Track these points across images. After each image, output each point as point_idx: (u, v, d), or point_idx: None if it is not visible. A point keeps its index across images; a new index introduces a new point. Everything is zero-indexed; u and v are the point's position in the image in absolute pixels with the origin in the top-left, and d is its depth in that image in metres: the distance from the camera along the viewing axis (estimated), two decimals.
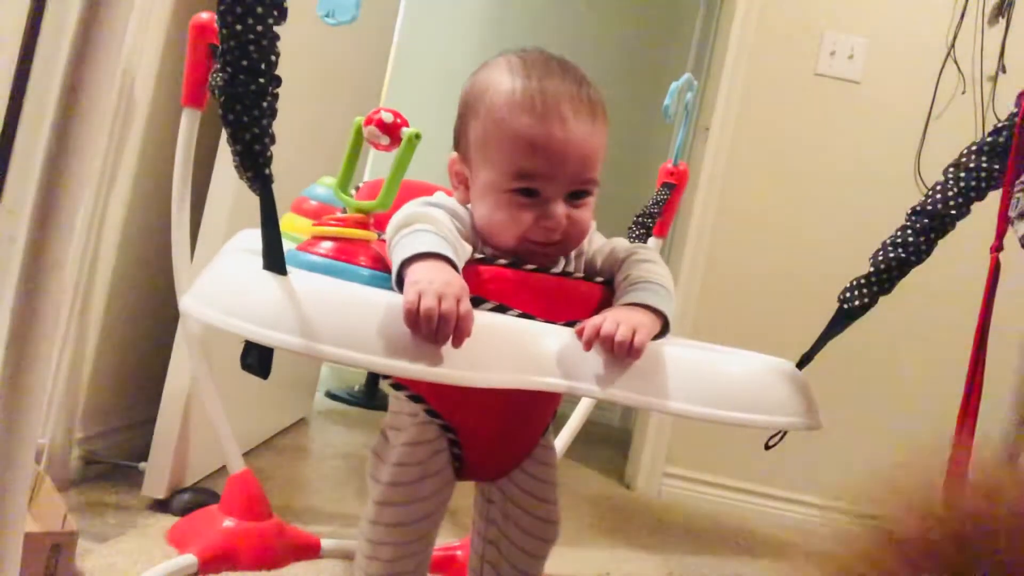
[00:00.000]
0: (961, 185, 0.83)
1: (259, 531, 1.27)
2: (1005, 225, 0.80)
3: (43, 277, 0.53)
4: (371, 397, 2.70)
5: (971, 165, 0.83)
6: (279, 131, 0.69)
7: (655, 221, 1.27)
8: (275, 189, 0.68)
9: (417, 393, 0.85)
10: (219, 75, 0.65)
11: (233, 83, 0.65)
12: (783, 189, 2.15)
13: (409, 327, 0.63)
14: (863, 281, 0.84)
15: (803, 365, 0.83)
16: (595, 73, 0.85)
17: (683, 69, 1.62)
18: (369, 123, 0.81)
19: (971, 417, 0.79)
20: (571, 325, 0.72)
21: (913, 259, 0.83)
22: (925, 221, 0.83)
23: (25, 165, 1.16)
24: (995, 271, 0.81)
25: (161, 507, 1.41)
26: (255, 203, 0.69)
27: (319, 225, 0.80)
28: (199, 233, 1.43)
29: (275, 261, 0.68)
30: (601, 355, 0.69)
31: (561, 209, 0.79)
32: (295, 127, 1.64)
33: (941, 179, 0.84)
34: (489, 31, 3.38)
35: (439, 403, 0.84)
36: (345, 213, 0.81)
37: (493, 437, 0.87)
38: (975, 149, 0.84)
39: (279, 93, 0.67)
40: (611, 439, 2.66)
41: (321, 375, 2.56)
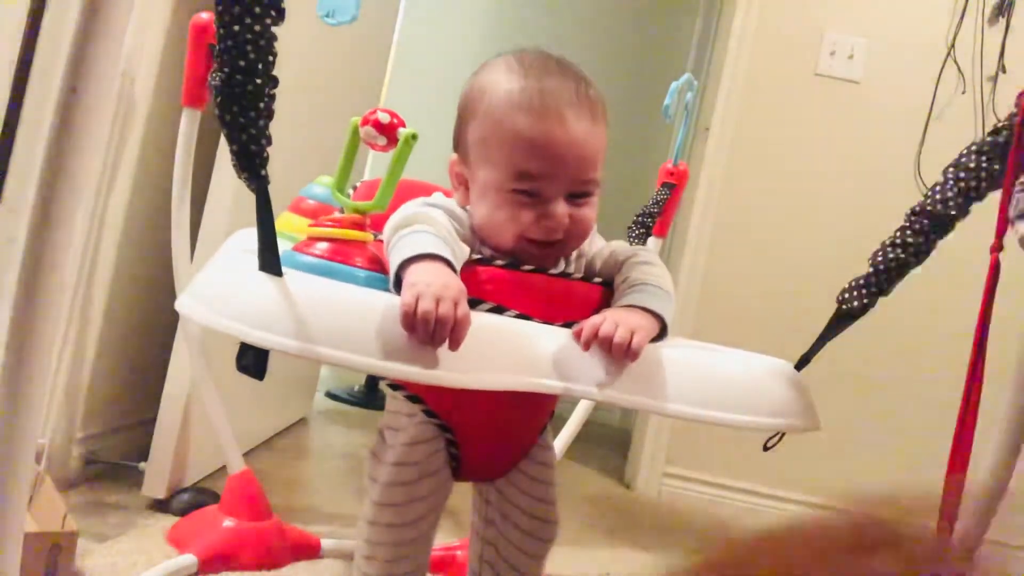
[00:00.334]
0: (961, 185, 0.82)
1: (259, 531, 1.27)
2: (1005, 225, 0.80)
3: (43, 277, 0.53)
4: (371, 397, 2.70)
5: (971, 165, 0.83)
6: (278, 130, 0.68)
7: (655, 221, 1.27)
8: (273, 188, 0.68)
9: (415, 393, 0.85)
10: (217, 75, 0.65)
11: (230, 83, 0.64)
12: (783, 189, 2.15)
13: (405, 330, 0.62)
14: (862, 282, 0.83)
15: (802, 366, 0.83)
16: (595, 73, 0.85)
17: (683, 69, 1.61)
18: (366, 123, 0.81)
19: (971, 417, 0.79)
20: (569, 326, 0.72)
21: (912, 260, 0.82)
22: (924, 222, 0.82)
23: (25, 165, 1.16)
24: (995, 271, 0.80)
25: (161, 507, 1.41)
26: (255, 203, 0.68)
27: (315, 226, 0.79)
28: (199, 233, 1.43)
29: (270, 262, 0.68)
30: (599, 356, 0.69)
31: (562, 208, 0.79)
32: (295, 127, 1.64)
33: (941, 179, 0.84)
34: (489, 31, 3.38)
35: (437, 403, 0.84)
36: (342, 213, 0.81)
37: (490, 437, 0.87)
38: (975, 149, 0.83)
39: (276, 94, 0.66)
40: (611, 439, 2.66)
41: (321, 375, 2.56)
